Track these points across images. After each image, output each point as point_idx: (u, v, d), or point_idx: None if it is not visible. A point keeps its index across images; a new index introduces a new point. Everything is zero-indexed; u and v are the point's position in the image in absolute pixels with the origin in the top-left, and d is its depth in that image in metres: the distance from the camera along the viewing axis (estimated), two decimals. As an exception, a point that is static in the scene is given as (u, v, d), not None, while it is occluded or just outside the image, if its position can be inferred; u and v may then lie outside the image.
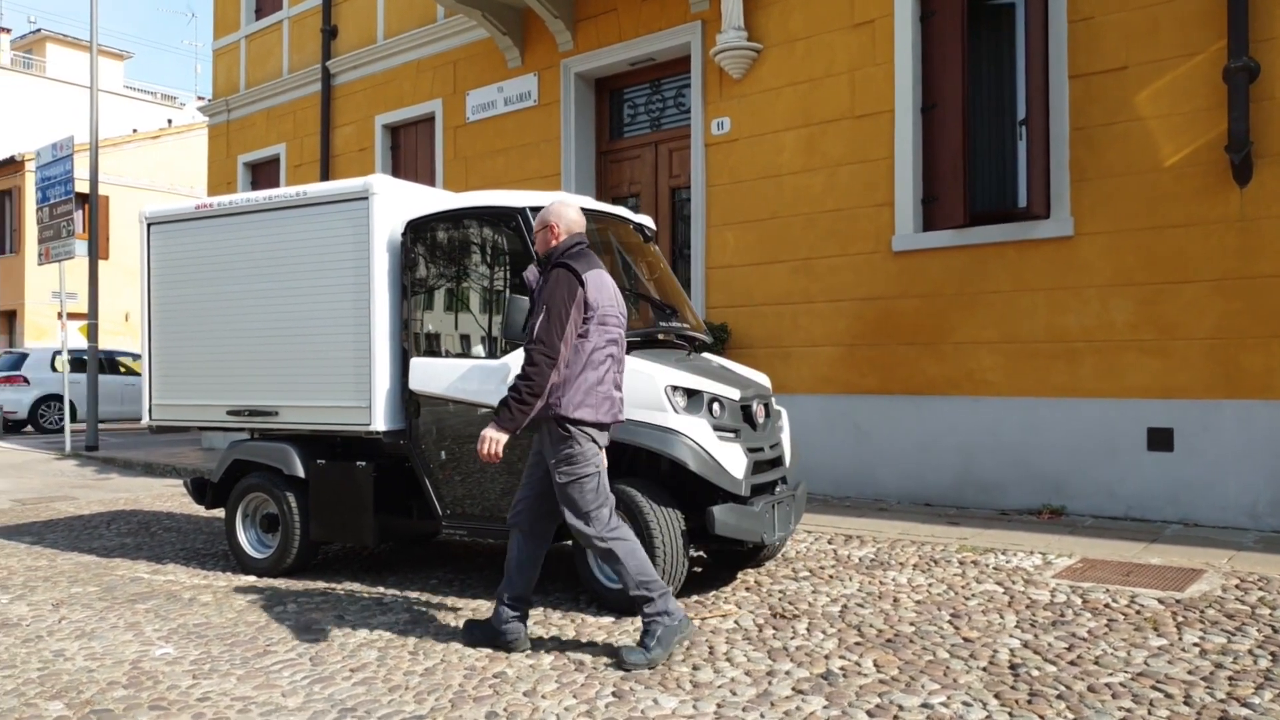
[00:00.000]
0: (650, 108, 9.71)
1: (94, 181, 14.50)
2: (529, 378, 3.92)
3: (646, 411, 4.67)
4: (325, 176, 12.42)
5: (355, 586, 5.49)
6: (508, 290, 5.14)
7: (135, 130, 29.32)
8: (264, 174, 13.85)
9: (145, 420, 6.46)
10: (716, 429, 4.76)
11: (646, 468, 4.98)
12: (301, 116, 13.05)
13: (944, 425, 7.52)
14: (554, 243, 4.19)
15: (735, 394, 4.94)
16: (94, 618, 4.88)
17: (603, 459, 4.13)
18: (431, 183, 11.23)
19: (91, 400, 14.13)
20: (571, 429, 3.99)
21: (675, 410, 4.68)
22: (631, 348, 5.02)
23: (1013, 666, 3.81)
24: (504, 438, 3.99)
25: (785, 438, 5.46)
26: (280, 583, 5.62)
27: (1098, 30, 6.85)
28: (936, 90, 7.56)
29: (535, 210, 5.05)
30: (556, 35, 9.85)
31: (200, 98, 35.70)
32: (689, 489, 4.80)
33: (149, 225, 6.35)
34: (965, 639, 4.18)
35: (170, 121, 32.32)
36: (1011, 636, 4.20)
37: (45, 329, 25.53)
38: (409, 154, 11.79)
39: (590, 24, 9.70)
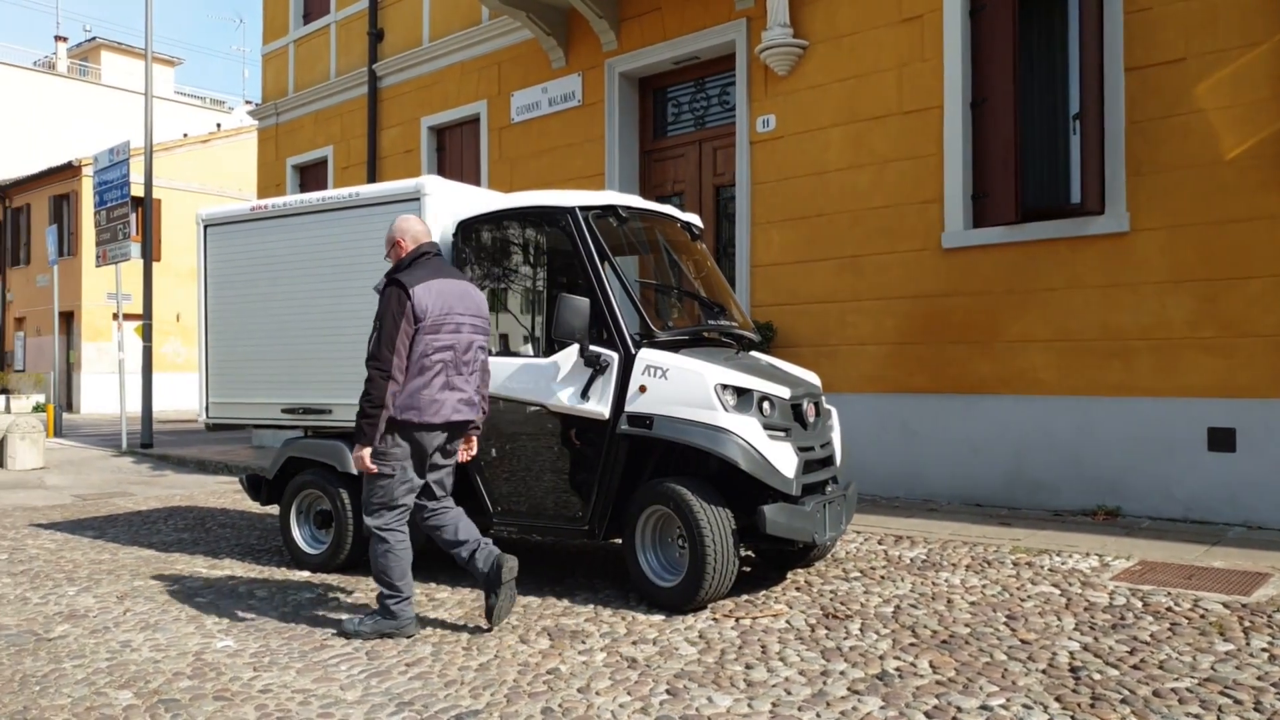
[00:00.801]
0: (694, 106, 9.70)
1: (148, 185, 14.82)
2: (367, 393, 4.29)
3: (696, 410, 4.67)
4: (372, 178, 12.58)
5: (407, 583, 5.55)
6: (556, 289, 5.16)
7: (185, 134, 29.88)
8: (312, 176, 14.06)
9: (202, 419, 6.59)
10: (767, 428, 4.74)
11: (696, 466, 4.98)
12: (349, 119, 13.22)
13: (995, 424, 7.42)
14: (401, 255, 4.52)
15: (785, 392, 4.92)
16: (157, 610, 4.99)
17: (446, 462, 4.57)
18: (477, 184, 11.32)
19: (146, 399, 14.43)
20: (396, 431, 4.34)
21: (725, 409, 4.66)
22: (679, 346, 5.03)
23: (1073, 669, 3.75)
24: (367, 453, 4.34)
25: (835, 437, 5.43)
26: (334, 578, 5.70)
27: (1155, 21, 6.72)
28: (986, 85, 7.46)
29: (585, 210, 5.08)
30: (601, 35, 9.88)
31: (248, 101, 36.40)
32: (739, 488, 4.79)
33: (205, 227, 6.48)
34: (1022, 641, 4.12)
35: (219, 125, 32.89)
36: (1070, 639, 4.13)
37: (101, 330, 26.13)
38: (454, 155, 11.90)
39: (634, 23, 9.71)
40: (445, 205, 5.52)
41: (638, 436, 4.80)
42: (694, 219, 5.98)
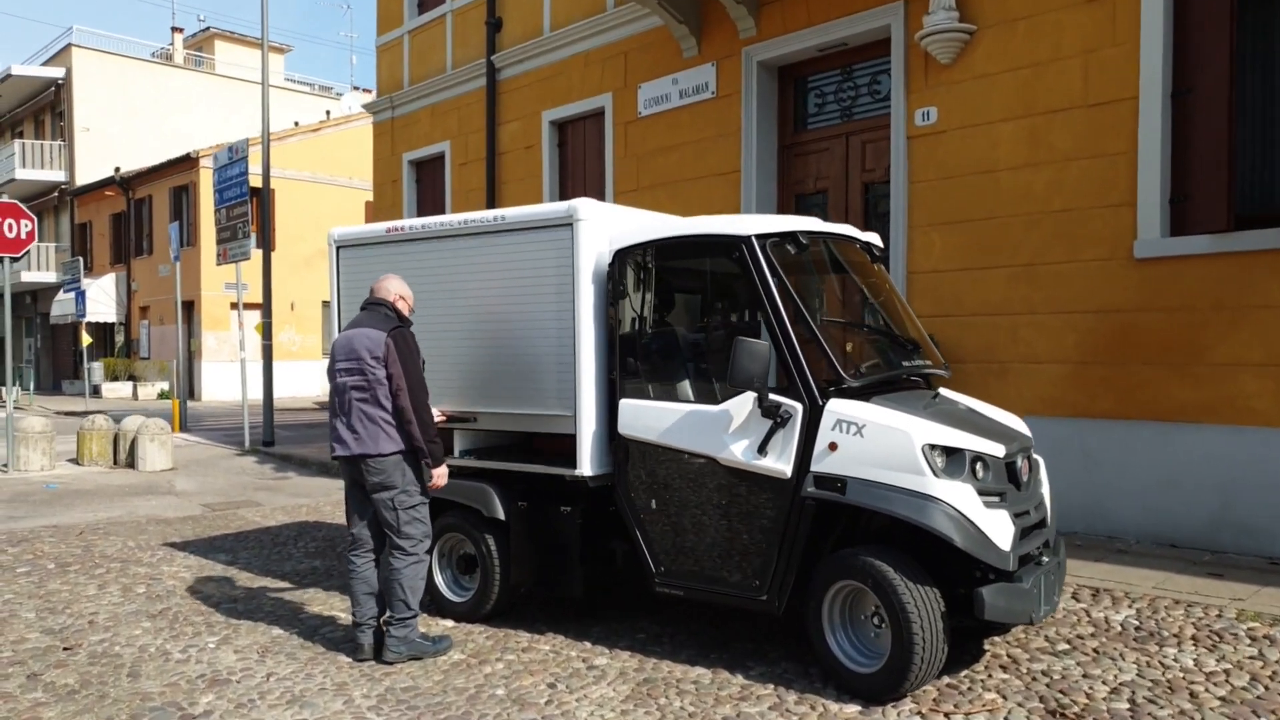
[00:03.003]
0: (840, 96, 8.97)
1: (266, 179, 14.80)
2: (422, 421, 4.91)
3: (898, 474, 4.06)
4: (491, 175, 12.21)
5: (559, 640, 5.11)
6: (727, 328, 4.61)
7: (296, 123, 30.29)
8: (428, 172, 13.80)
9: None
10: (981, 494, 4.11)
11: (889, 533, 4.39)
12: (466, 113, 12.87)
13: (1196, 457, 6.58)
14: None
15: (999, 450, 4.27)
16: (300, 673, 4.66)
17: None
18: (601, 182, 10.82)
19: (267, 399, 14.49)
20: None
21: (934, 473, 4.05)
22: (871, 393, 4.42)
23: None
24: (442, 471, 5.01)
25: (1046, 492, 4.76)
26: (481, 631, 5.31)
27: None
28: (1192, 72, 6.56)
29: (763, 239, 4.50)
30: (738, 22, 9.21)
31: (356, 88, 36.77)
32: (940, 556, 4.17)
33: (338, 248, 6.13)
34: (1317, 771, 3.42)
35: (328, 113, 33.30)
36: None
37: (220, 319, 26.77)
38: (576, 151, 11.42)
39: (775, 8, 9.01)
40: (600, 230, 5.01)
41: (826, 501, 4.23)
42: (874, 238, 5.34)
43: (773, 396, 4.31)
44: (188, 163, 27.21)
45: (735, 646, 4.95)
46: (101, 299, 29.72)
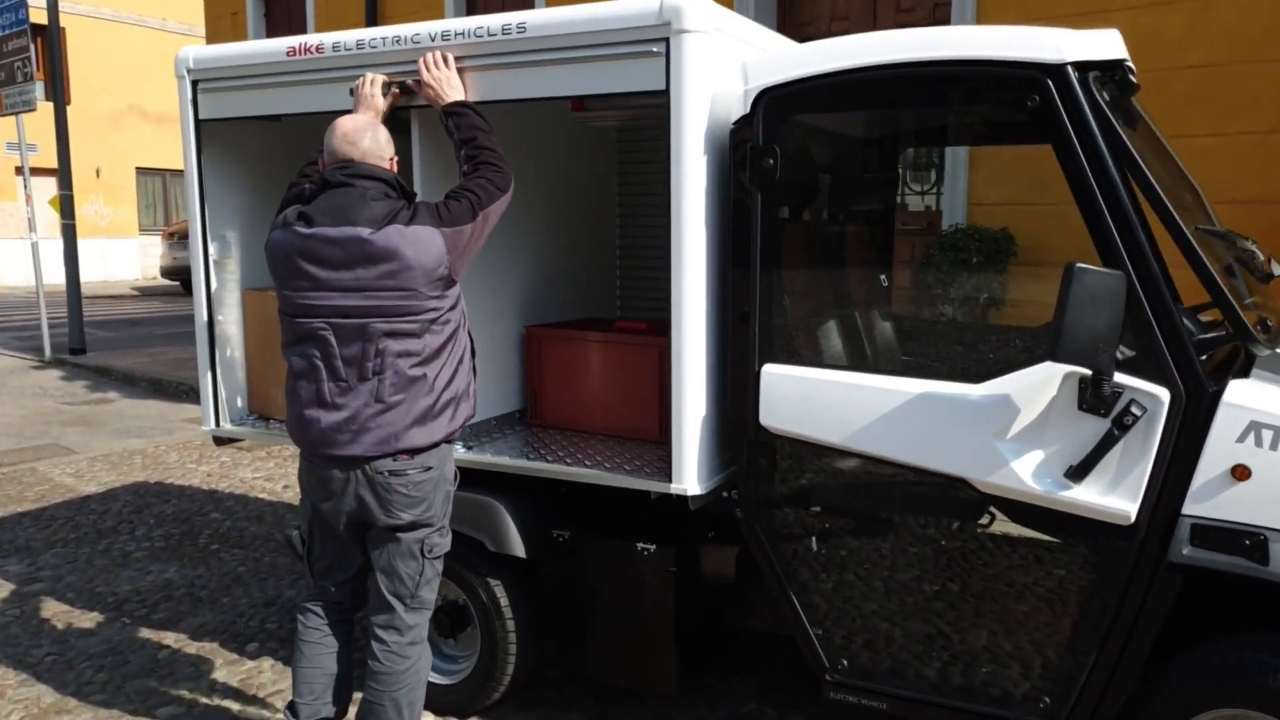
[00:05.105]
0: (874, -94, 6.71)
1: (54, 12, 11.19)
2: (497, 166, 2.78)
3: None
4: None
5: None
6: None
7: (88, -52, 25.00)
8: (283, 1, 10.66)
9: (208, 427, 3.86)
10: None
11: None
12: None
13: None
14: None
15: None
16: None
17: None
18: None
19: (72, 293, 11.32)
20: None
21: None
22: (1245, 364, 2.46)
23: None
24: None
25: None
26: (487, 739, 3.20)
27: None
28: None
29: (1085, 69, 2.36)
30: None
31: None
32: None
33: (195, 84, 3.55)
34: None
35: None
36: None
37: (5, 187, 22.18)
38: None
39: None
40: (722, 53, 2.76)
41: (1214, 571, 2.29)
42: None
43: (1118, 378, 2.28)
44: (-55, -10, 21.88)
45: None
46: None
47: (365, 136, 2.67)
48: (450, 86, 2.86)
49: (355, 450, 2.56)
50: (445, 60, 2.89)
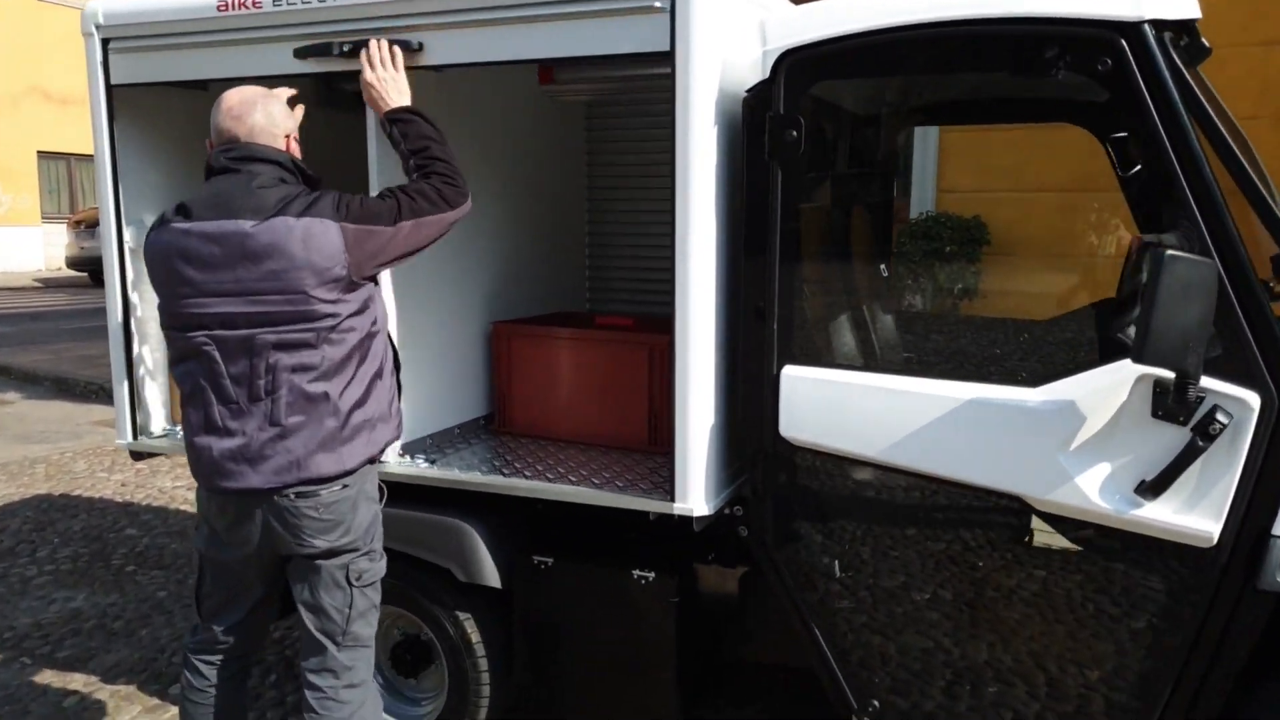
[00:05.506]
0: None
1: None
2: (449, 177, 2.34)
3: None
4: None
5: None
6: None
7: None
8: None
9: (123, 440, 3.37)
10: None
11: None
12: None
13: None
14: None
15: None
16: None
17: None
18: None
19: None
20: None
21: None
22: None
23: None
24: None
25: None
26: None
27: None
28: None
29: (1162, 26, 2.07)
30: None
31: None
32: None
33: (106, 44, 3.05)
34: None
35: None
36: None
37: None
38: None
39: None
40: (735, 12, 2.41)
41: (1308, 599, 2.03)
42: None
43: (1204, 381, 2.00)
44: None
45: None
46: None
47: (255, 111, 2.24)
48: (397, 90, 2.43)
49: (253, 482, 2.14)
50: (394, 59, 2.46)
